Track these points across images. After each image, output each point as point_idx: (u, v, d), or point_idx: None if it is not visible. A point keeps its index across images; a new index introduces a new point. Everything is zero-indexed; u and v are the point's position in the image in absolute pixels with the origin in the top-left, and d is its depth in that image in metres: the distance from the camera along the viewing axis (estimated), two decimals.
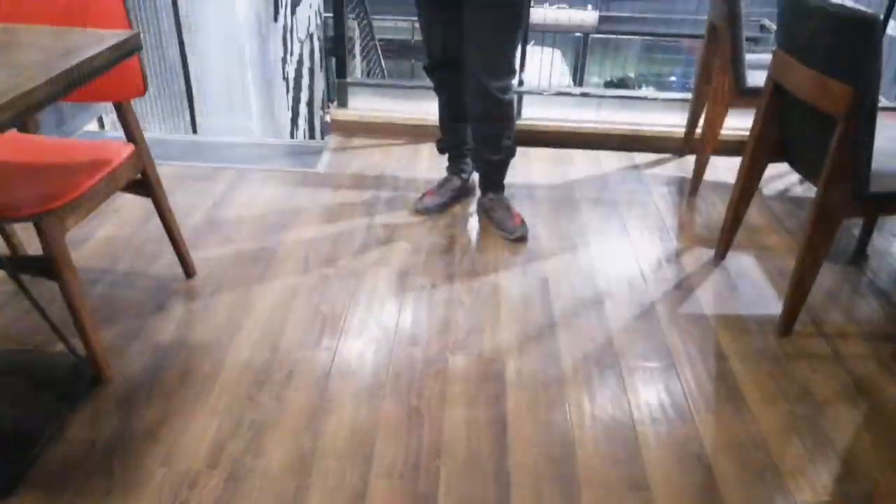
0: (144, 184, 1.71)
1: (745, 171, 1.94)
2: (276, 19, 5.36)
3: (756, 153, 1.90)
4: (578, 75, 8.58)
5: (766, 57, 2.59)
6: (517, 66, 2.07)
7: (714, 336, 1.76)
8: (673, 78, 11.17)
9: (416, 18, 2.11)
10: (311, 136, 6.69)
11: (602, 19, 7.60)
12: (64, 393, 1.46)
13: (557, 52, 8.26)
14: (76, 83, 1.19)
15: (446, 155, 2.38)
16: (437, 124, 2.32)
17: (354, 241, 2.10)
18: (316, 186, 2.42)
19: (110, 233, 2.08)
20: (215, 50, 4.02)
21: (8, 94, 0.97)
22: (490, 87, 2.00)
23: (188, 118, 3.75)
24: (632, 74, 11.41)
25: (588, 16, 7.57)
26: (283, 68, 5.67)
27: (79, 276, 1.43)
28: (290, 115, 6.00)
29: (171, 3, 3.41)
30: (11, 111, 0.97)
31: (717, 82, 2.33)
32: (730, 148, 2.74)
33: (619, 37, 8.56)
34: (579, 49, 9.16)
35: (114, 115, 1.81)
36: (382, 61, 5.92)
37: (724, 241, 2.08)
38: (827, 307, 1.89)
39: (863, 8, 1.49)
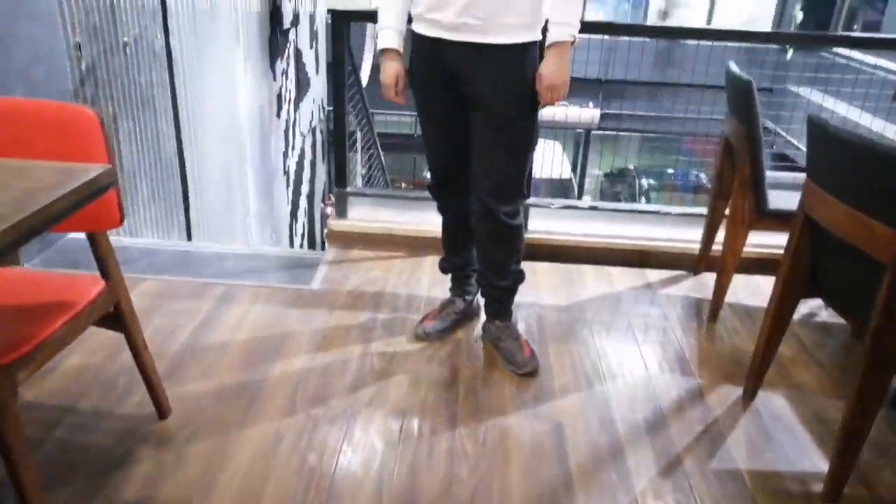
0: (117, 318, 1.54)
1: (775, 309, 1.78)
2: (278, 115, 5.35)
3: (786, 292, 1.75)
4: (579, 169, 8.61)
5: (784, 176, 2.50)
6: (527, 189, 1.95)
7: (751, 499, 1.55)
8: (671, 170, 11.29)
9: (417, 113, 1.98)
10: (311, 230, 6.60)
11: (603, 116, 7.68)
12: None
13: (558, 145, 8.31)
14: (35, 231, 1.05)
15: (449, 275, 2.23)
16: (440, 237, 2.17)
17: (348, 374, 1.92)
18: (310, 307, 2.26)
19: (78, 362, 1.89)
20: (215, 148, 3.95)
21: None
22: (498, 212, 1.87)
23: (183, 220, 3.63)
24: (631, 166, 11.53)
25: (590, 113, 7.64)
26: (285, 163, 5.62)
27: (36, 420, 1.25)
28: (289, 208, 5.91)
29: (172, 105, 3.35)
30: None
31: (736, 204, 2.21)
32: (749, 266, 2.60)
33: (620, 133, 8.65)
34: (580, 141, 9.25)
35: None
36: (382, 157, 5.88)
37: (754, 379, 1.90)
38: (878, 463, 1.69)
39: None
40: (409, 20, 1.86)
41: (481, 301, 2.14)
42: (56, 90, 2.46)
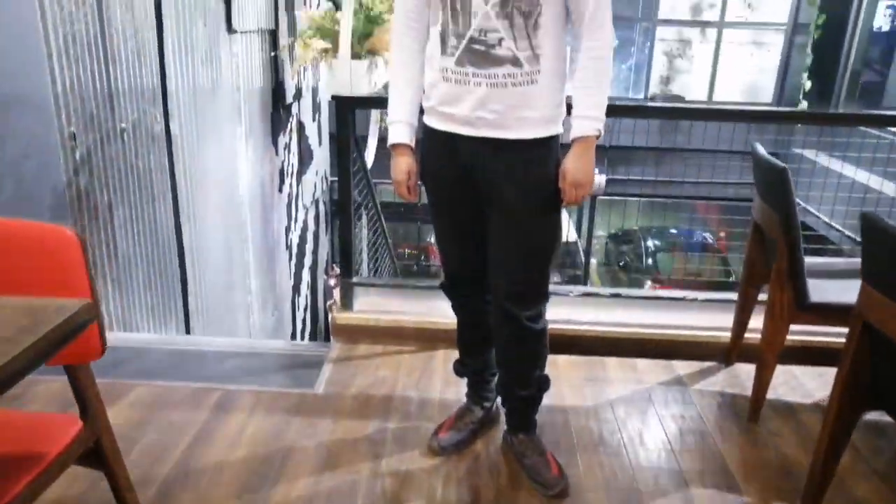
0: (97, 455, 1.37)
1: (833, 426, 1.60)
2: (280, 189, 5.27)
3: (845, 407, 1.57)
4: (586, 235, 8.50)
5: (819, 262, 2.34)
6: (549, 288, 1.79)
7: None
8: (674, 230, 11.28)
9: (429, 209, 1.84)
10: (314, 303, 6.44)
11: (609, 182, 7.61)
12: None
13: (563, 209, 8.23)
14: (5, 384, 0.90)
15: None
16: (452, 328, 2.00)
17: (356, 500, 1.72)
18: (314, 415, 2.07)
19: (54, 496, 1.70)
20: (214, 229, 3.83)
21: None
22: (520, 318, 1.71)
23: (181, 306, 3.48)
24: (635, 227, 11.47)
25: (596, 180, 7.57)
26: (287, 237, 5.52)
27: None
28: (291, 282, 5.77)
29: (170, 188, 3.23)
30: None
31: (774, 297, 2.05)
32: (785, 354, 2.41)
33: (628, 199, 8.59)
34: (584, 204, 9.18)
35: None
36: (389, 240, 5.79)
37: (810, 501, 1.70)
38: None
39: None
40: (421, 111, 1.75)
41: (502, 409, 1.96)
42: (48, 185, 2.34)
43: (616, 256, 11.43)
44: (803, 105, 4.99)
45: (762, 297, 2.35)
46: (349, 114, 2.35)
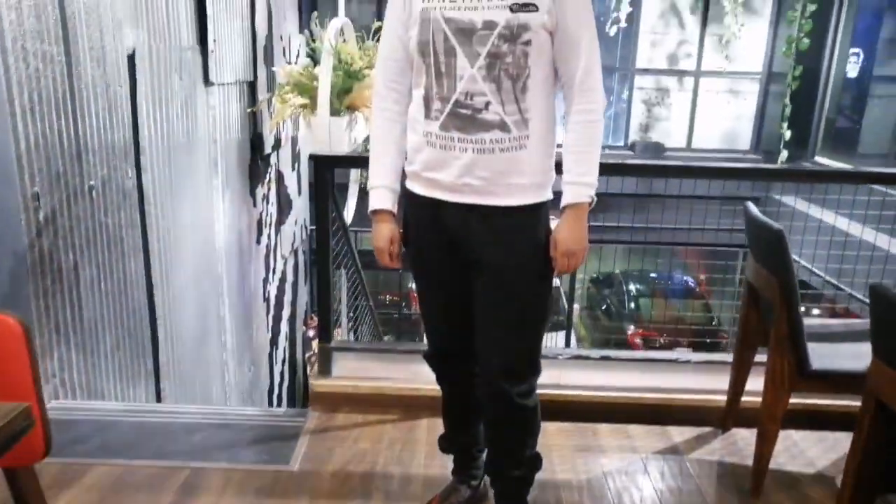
0: None
1: None
2: (258, 241, 5.15)
3: (858, 494, 1.47)
4: (568, 279, 8.44)
5: (815, 324, 2.27)
6: (541, 359, 1.69)
7: None
8: (653, 274, 11.36)
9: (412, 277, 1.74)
10: (293, 355, 6.26)
11: (590, 229, 7.60)
12: None
13: None
14: None
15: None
16: (436, 395, 1.87)
17: None
18: (288, 496, 1.93)
19: None
20: (188, 285, 3.69)
21: None
22: (510, 395, 1.59)
23: (151, 368, 3.31)
24: (617, 271, 11.49)
25: None
26: (265, 289, 5.37)
27: None
28: (269, 335, 5.61)
29: (142, 245, 3.11)
30: None
31: (774, 364, 1.96)
32: (785, 419, 2.31)
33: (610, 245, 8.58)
34: None
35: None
36: (365, 283, 5.67)
37: None
38: None
39: None
40: (404, 175, 1.66)
41: (490, 487, 1.83)
42: (8, 249, 2.22)
43: (598, 300, 11.40)
44: (784, 154, 5.03)
45: (758, 357, 2.28)
46: (328, 173, 2.26)
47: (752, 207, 2.11)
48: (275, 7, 4.63)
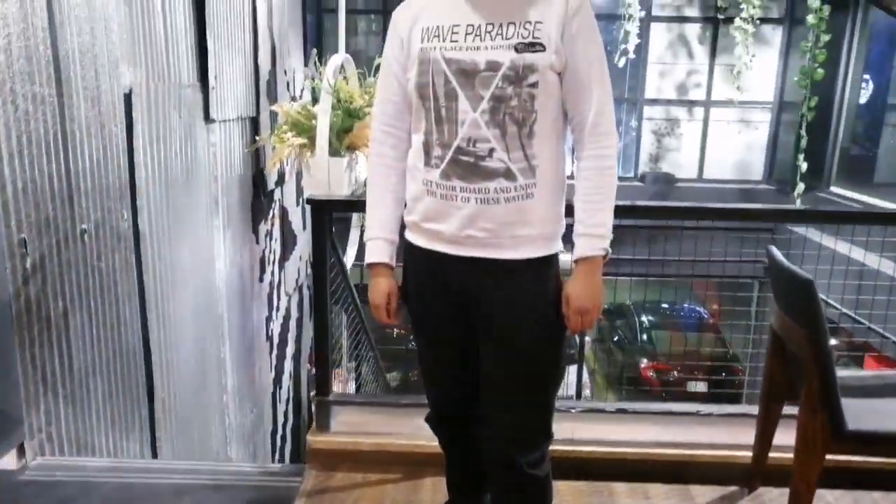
0: None
1: None
2: (261, 279, 5.04)
3: None
4: None
5: (849, 376, 2.12)
6: (552, 424, 1.55)
7: None
8: (665, 305, 11.21)
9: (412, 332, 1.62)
10: (297, 395, 6.12)
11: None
12: None
13: None
14: None
15: None
16: (440, 449, 1.73)
17: None
18: None
19: None
20: (187, 328, 3.57)
21: None
22: (520, 464, 1.46)
23: (146, 415, 3.18)
24: (628, 302, 11.36)
25: None
26: (268, 327, 5.26)
27: None
28: (272, 375, 5.47)
29: (137, 289, 3.00)
30: None
31: (806, 424, 1.81)
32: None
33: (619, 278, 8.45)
34: None
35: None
36: (367, 328, 5.55)
37: None
38: None
39: None
40: (403, 225, 1.55)
41: None
42: None
43: (609, 332, 11.23)
44: (801, 187, 4.90)
45: (786, 409, 2.13)
46: (326, 217, 2.15)
47: (776, 252, 1.98)
48: (279, 41, 4.58)
